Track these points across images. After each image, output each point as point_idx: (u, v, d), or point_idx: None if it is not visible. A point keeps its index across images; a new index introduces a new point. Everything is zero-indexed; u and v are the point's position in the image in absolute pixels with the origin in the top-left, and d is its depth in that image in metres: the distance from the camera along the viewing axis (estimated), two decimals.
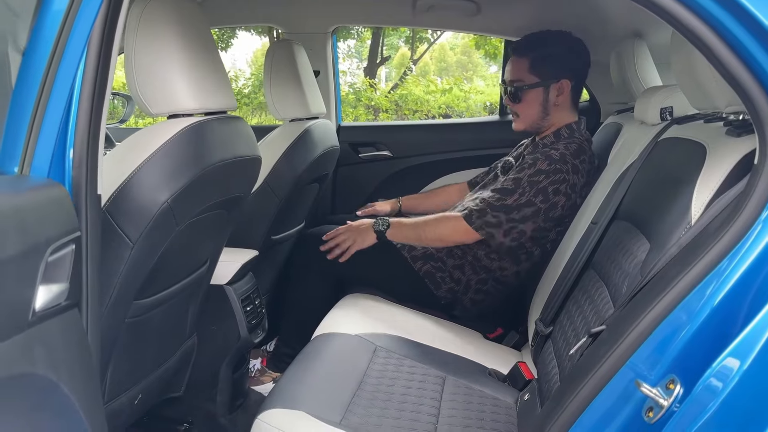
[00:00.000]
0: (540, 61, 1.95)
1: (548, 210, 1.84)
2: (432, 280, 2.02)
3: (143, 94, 1.26)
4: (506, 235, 1.86)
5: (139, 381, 1.43)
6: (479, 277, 2.01)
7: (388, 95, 10.14)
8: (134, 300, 1.26)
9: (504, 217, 1.85)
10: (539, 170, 1.85)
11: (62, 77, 0.87)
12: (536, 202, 1.83)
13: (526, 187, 1.84)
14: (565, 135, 1.96)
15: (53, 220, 0.77)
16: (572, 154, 1.87)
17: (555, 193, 1.83)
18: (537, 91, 1.97)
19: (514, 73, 2.00)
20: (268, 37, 10.90)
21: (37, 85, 0.84)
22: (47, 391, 0.65)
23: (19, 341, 0.60)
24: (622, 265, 1.25)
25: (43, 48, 0.87)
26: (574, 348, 1.13)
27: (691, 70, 1.19)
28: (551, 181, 1.83)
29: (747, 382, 0.78)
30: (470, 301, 2.03)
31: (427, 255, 2.03)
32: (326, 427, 1.23)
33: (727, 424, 0.78)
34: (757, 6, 0.83)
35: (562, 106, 1.98)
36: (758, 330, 0.80)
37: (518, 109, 2.02)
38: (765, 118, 0.87)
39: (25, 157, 0.83)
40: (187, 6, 1.34)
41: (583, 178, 1.86)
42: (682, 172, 1.15)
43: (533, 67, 1.96)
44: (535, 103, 1.98)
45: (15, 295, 0.63)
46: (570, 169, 1.84)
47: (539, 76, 1.95)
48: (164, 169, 1.20)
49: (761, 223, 0.85)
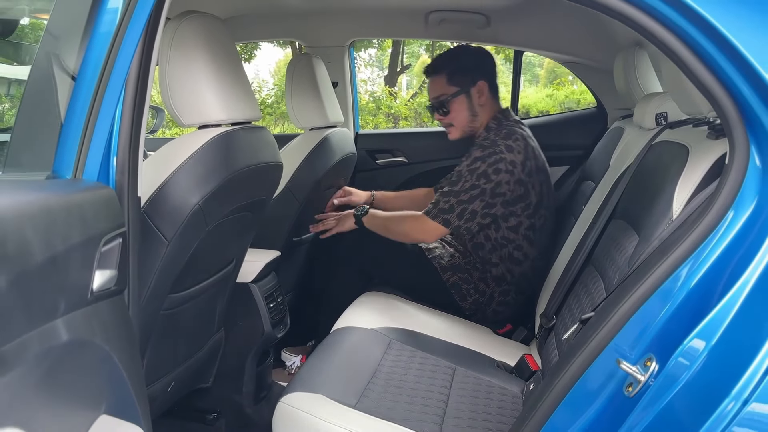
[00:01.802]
0: (454, 72, 2.13)
1: (494, 188, 1.95)
2: (458, 291, 2.12)
3: (176, 106, 1.37)
4: (460, 217, 1.98)
5: (172, 370, 1.55)
6: (501, 288, 2.11)
7: (408, 103, 10.24)
8: (169, 293, 1.39)
9: (454, 200, 1.98)
10: (475, 158, 1.99)
11: (110, 95, 0.99)
12: (480, 184, 1.96)
13: (467, 175, 1.98)
14: (494, 126, 2.11)
15: (105, 215, 0.89)
16: (502, 138, 2.00)
17: (495, 172, 1.95)
18: (460, 99, 2.14)
19: (435, 91, 2.18)
20: (291, 49, 11.11)
21: (88, 101, 0.97)
22: (103, 360, 0.78)
23: (81, 314, 0.73)
24: (616, 260, 1.34)
25: (93, 69, 1.00)
26: (567, 333, 1.22)
27: (679, 78, 1.28)
28: (488, 163, 1.95)
29: (711, 358, 0.88)
30: (492, 313, 2.12)
31: (455, 266, 2.14)
32: (343, 408, 1.34)
33: (695, 395, 0.87)
34: (724, 23, 0.93)
35: (486, 105, 2.14)
36: (723, 313, 0.89)
37: (450, 119, 2.18)
38: (733, 124, 0.96)
39: (78, 164, 0.95)
40: (215, 24, 1.45)
41: (520, 155, 1.97)
42: (667, 172, 1.25)
43: (450, 80, 2.13)
44: (462, 109, 2.14)
45: (79, 276, 0.76)
46: (503, 149, 1.97)
47: (458, 85, 2.12)
48: (196, 174, 1.32)
49: (729, 217, 0.95)
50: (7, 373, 0.51)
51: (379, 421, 1.33)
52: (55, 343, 0.63)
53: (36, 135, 1.05)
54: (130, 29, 1.00)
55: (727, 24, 0.92)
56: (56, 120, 1.01)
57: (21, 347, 0.55)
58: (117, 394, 0.83)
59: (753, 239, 0.91)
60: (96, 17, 1.04)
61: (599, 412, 0.98)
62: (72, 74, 1.03)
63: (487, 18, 2.43)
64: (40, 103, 1.08)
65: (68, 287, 0.72)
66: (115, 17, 1.04)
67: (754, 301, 0.88)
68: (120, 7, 1.04)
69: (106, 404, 0.79)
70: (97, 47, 1.01)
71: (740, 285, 0.89)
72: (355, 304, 1.96)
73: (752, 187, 0.94)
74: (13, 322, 0.56)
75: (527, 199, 2.00)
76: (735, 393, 0.82)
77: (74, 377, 0.71)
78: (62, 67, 1.06)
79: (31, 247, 0.61)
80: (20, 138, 1.08)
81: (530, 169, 1.99)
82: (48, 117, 1.02)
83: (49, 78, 1.06)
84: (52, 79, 1.06)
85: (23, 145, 1.07)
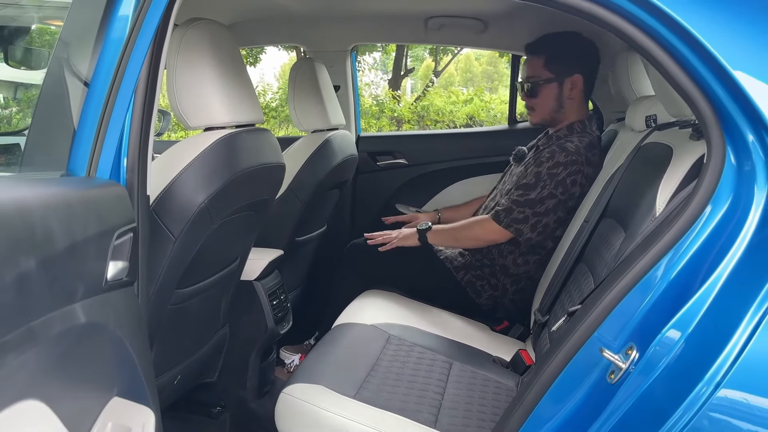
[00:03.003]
0: (554, 58, 2.10)
1: (567, 200, 1.97)
2: (473, 289, 2.16)
3: (182, 109, 1.42)
4: (533, 229, 1.99)
5: (179, 363, 1.61)
6: (512, 279, 2.14)
7: (411, 106, 10.30)
8: (176, 289, 1.44)
9: (530, 212, 1.98)
10: (557, 162, 1.98)
11: (121, 99, 1.05)
12: (557, 194, 1.96)
13: (546, 180, 1.98)
14: (578, 129, 2.10)
15: (118, 211, 0.96)
16: (585, 147, 2.00)
17: (573, 184, 1.96)
18: (552, 86, 2.11)
19: (530, 71, 2.15)
20: (296, 52, 11.18)
21: (101, 105, 1.03)
22: (116, 345, 0.83)
23: (97, 300, 0.78)
24: (604, 256, 1.40)
25: (105, 74, 1.05)
26: (556, 325, 1.28)
27: (664, 81, 1.33)
28: (569, 172, 1.96)
29: (687, 346, 0.93)
30: (510, 302, 2.16)
31: (467, 265, 2.17)
32: (343, 398, 1.40)
33: (671, 380, 0.93)
34: (699, 29, 0.98)
35: (575, 100, 2.12)
36: (698, 304, 0.94)
37: (534, 103, 2.16)
38: (710, 125, 1.01)
39: (91, 163, 1.01)
40: (220, 31, 1.50)
41: (594, 171, 1.99)
42: (653, 171, 1.30)
43: (548, 64, 2.10)
44: (550, 97, 2.12)
45: (95, 265, 0.82)
46: (584, 160, 1.97)
47: (554, 72, 2.10)
48: (201, 174, 1.37)
49: (706, 213, 1.00)
50: (33, 347, 0.57)
51: (376, 410, 1.38)
52: (74, 323, 0.69)
53: (50, 137, 1.11)
54: (141, 36, 1.06)
55: (703, 30, 0.97)
56: (69, 123, 1.06)
57: (46, 324, 0.60)
58: (128, 378, 0.89)
59: (728, 234, 0.96)
60: (108, 24, 1.10)
61: (584, 399, 1.03)
62: (85, 79, 1.09)
63: (485, 23, 2.49)
64: (53, 106, 1.14)
65: (86, 274, 0.78)
66: (126, 24, 1.10)
67: (728, 293, 0.93)
68: (131, 15, 1.10)
69: (118, 388, 0.85)
70: (110, 53, 1.07)
71: (715, 277, 0.94)
72: (356, 302, 2.02)
73: (728, 184, 0.99)
74: (41, 300, 0.62)
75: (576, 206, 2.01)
76: (708, 378, 0.87)
77: (90, 359, 0.77)
78: (75, 72, 1.12)
79: (55, 235, 0.67)
80: (35, 140, 1.14)
81: (591, 182, 2.00)
82: (62, 120, 1.08)
83: (62, 83, 1.12)
84: (65, 84, 1.12)
85: (38, 147, 1.14)
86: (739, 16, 0.97)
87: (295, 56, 11.35)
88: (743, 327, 0.88)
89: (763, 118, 0.93)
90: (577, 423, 1.01)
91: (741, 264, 0.93)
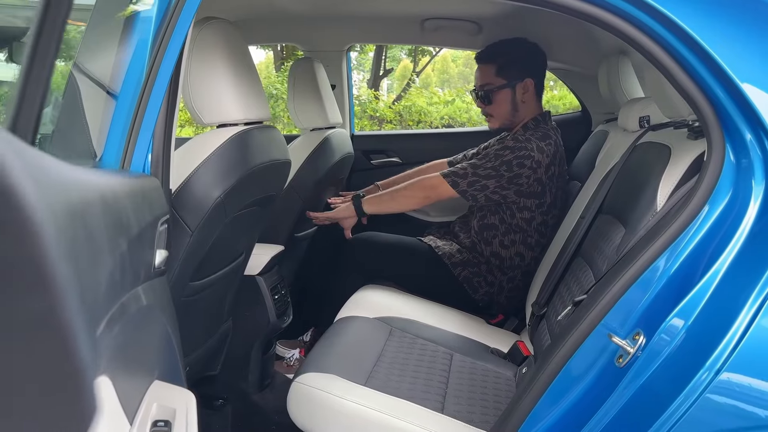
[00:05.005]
0: (505, 65, 2.19)
1: (512, 178, 2.03)
2: (470, 284, 2.21)
3: (197, 106, 1.45)
4: (470, 185, 2.05)
5: (188, 354, 1.63)
6: (508, 276, 2.20)
7: (392, 106, 10.35)
8: (189, 281, 1.48)
9: (470, 170, 2.06)
10: (505, 146, 2.07)
11: (153, 102, 1.08)
12: (501, 170, 2.03)
13: (492, 158, 2.06)
14: (532, 126, 2.18)
15: (159, 201, 0.99)
16: (538, 138, 2.08)
17: (519, 165, 2.03)
18: (505, 92, 2.19)
19: (483, 79, 2.23)
20: (273, 51, 11.13)
21: (134, 104, 1.05)
22: (161, 328, 0.87)
23: (148, 286, 0.82)
24: (604, 250, 1.47)
25: (136, 78, 1.08)
26: (562, 314, 1.34)
27: (661, 84, 1.40)
28: (516, 155, 2.03)
29: (690, 333, 1.00)
30: (505, 298, 2.21)
31: (464, 262, 2.22)
32: (355, 385, 1.44)
33: (675, 366, 0.99)
34: (702, 35, 1.04)
35: (528, 103, 2.20)
36: (700, 294, 1.01)
37: (490, 110, 2.24)
38: (711, 125, 1.08)
39: (125, 157, 1.04)
40: (232, 29, 1.54)
41: (548, 158, 2.05)
42: (652, 169, 1.37)
43: (500, 71, 2.19)
44: (505, 103, 2.20)
45: (148, 252, 0.86)
46: (535, 147, 2.04)
47: (506, 78, 2.19)
48: (217, 169, 1.40)
49: (707, 209, 1.07)
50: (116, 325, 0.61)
51: (388, 396, 1.43)
52: (140, 305, 0.73)
53: (80, 130, 1.14)
54: (174, 37, 1.09)
55: (705, 35, 1.03)
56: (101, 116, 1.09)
57: (128, 302, 0.64)
58: (167, 362, 0.92)
59: (729, 225, 1.04)
60: (133, 25, 1.13)
61: (594, 381, 1.10)
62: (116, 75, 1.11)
63: (479, 26, 2.55)
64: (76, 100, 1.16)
65: (144, 260, 0.82)
66: (151, 27, 1.12)
67: (728, 284, 1.00)
68: (154, 17, 1.13)
69: (158, 371, 0.89)
70: (138, 62, 1.09)
71: (715, 269, 1.01)
72: (356, 296, 2.06)
73: (727, 181, 1.06)
74: (125, 279, 0.66)
75: (542, 198, 2.09)
76: (709, 364, 0.94)
77: (143, 340, 0.81)
78: (81, 71, 1.14)
79: (131, 221, 0.71)
80: (61, 133, 1.16)
81: (552, 173, 2.07)
82: (93, 113, 1.11)
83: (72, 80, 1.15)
84: (74, 82, 1.14)
85: (66, 139, 1.16)
86: (740, 23, 1.04)
87: (272, 55, 11.32)
88: (744, 312, 0.95)
89: (761, 119, 1.00)
90: (589, 403, 1.07)
91: (741, 254, 1.00)
